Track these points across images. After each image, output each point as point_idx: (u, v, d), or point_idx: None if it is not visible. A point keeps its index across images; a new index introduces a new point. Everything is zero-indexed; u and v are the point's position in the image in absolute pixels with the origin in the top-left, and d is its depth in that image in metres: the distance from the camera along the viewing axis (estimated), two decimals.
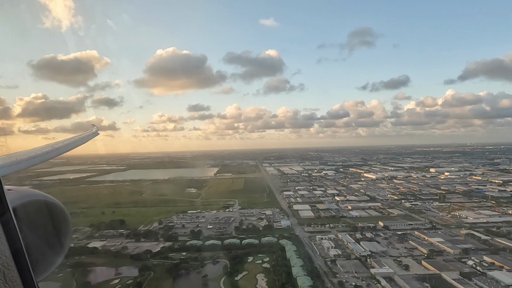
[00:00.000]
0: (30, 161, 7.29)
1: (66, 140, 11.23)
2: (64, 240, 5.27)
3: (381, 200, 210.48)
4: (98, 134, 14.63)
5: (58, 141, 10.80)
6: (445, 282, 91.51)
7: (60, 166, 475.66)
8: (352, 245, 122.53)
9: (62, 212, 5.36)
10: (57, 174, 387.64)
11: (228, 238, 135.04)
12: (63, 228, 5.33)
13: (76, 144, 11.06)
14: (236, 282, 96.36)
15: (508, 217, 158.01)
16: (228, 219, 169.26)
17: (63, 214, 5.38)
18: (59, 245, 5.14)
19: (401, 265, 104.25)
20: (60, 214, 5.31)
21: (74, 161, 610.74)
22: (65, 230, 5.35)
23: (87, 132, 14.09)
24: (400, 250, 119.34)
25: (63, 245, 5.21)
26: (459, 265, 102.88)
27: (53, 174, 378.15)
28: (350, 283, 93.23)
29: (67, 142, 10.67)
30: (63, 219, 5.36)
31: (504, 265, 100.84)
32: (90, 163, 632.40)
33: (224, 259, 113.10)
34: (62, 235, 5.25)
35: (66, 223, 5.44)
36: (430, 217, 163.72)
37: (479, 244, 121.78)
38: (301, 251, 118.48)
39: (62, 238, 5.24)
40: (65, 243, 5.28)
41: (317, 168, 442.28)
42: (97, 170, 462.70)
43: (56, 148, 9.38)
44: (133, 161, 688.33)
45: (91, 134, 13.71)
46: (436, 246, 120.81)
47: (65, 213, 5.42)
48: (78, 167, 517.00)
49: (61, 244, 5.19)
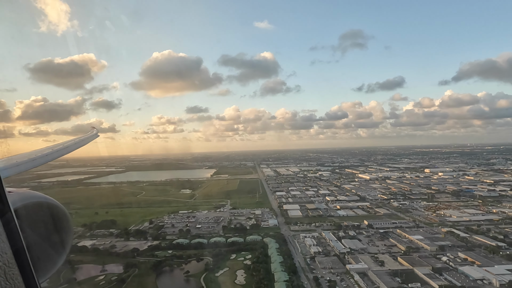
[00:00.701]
0: (31, 163, 7.51)
1: (66, 142, 11.44)
2: (65, 242, 5.34)
3: (370, 200, 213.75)
4: (98, 136, 15.02)
5: (58, 143, 11.05)
6: (417, 276, 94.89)
7: (60, 168, 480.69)
8: (334, 242, 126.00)
9: (63, 214, 5.43)
10: (56, 176, 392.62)
11: (214, 236, 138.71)
12: (64, 229, 5.39)
13: (76, 146, 11.27)
14: (216, 278, 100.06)
15: (491, 215, 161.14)
16: (217, 218, 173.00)
17: (64, 216, 5.45)
18: (60, 246, 5.21)
19: (377, 261, 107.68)
20: (61, 216, 5.38)
21: (74, 163, 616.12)
22: (66, 231, 5.41)
23: (87, 134, 14.50)
24: (379, 247, 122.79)
25: (64, 247, 5.28)
26: (433, 261, 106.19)
27: (52, 176, 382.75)
28: (325, 278, 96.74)
29: (67, 144, 10.87)
30: (64, 221, 5.42)
31: (476, 261, 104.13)
32: (90, 165, 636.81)
33: (208, 257, 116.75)
34: (63, 236, 5.32)
35: (67, 225, 5.50)
36: (415, 216, 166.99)
37: (456, 241, 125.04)
38: (283, 248, 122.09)
39: (63, 239, 5.31)
40: (66, 245, 5.35)
41: (314, 169, 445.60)
42: (96, 172, 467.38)
43: (56, 150, 9.57)
44: (132, 163, 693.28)
45: (91, 136, 14.08)
46: (414, 243, 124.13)
47: (66, 215, 5.50)
48: (78, 169, 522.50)
49: (63, 246, 5.26)
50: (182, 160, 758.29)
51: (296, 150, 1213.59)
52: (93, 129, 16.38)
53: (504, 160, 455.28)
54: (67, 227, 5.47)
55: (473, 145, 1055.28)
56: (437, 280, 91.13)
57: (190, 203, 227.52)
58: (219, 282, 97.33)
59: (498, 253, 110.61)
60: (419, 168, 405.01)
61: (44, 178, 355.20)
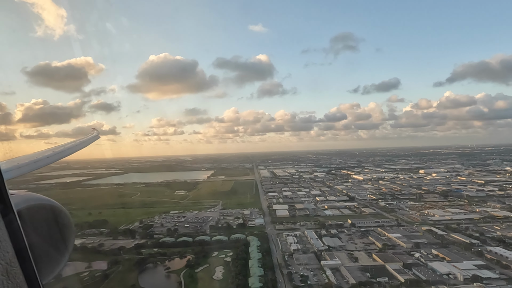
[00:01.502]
0: (33, 165, 7.52)
1: (67, 144, 11.48)
2: (67, 243, 5.41)
3: (359, 200, 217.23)
4: (98, 137, 15.09)
5: (59, 145, 11.02)
6: (387, 272, 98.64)
7: (60, 170, 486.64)
8: (314, 240, 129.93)
9: (66, 216, 5.46)
10: (56, 178, 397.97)
11: (200, 235, 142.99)
12: (67, 231, 5.43)
13: (77, 148, 11.31)
14: (195, 274, 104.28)
15: (473, 214, 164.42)
16: (206, 218, 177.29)
17: (67, 218, 5.48)
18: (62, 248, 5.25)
19: (352, 257, 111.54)
20: (64, 218, 5.40)
21: (75, 165, 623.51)
22: (68, 233, 5.46)
23: (88, 136, 14.51)
24: (358, 245, 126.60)
25: (66, 248, 5.36)
26: (406, 257, 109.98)
27: (52, 178, 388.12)
28: (298, 273, 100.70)
29: (68, 146, 10.91)
30: (66, 223, 5.45)
31: (447, 257, 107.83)
32: (90, 167, 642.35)
33: (191, 254, 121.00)
34: (65, 238, 5.37)
35: (69, 227, 5.53)
36: (399, 215, 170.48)
37: (433, 239, 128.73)
38: (264, 246, 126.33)
39: (65, 241, 5.37)
40: (68, 246, 5.43)
41: (310, 170, 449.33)
42: (95, 174, 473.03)
43: (57, 152, 9.60)
44: (132, 165, 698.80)
45: (91, 138, 14.15)
46: (392, 241, 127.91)
47: (68, 217, 5.53)
48: (77, 171, 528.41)
49: (65, 247, 5.32)
50: (182, 162, 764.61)
51: (296, 152, 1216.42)
52: (94, 130, 16.55)
53: (500, 161, 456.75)
54: (69, 230, 5.53)
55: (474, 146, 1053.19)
56: (405, 275, 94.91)
57: (183, 203, 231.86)
58: (197, 278, 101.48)
59: (470, 250, 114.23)
60: (415, 169, 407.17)
61: (43, 179, 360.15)
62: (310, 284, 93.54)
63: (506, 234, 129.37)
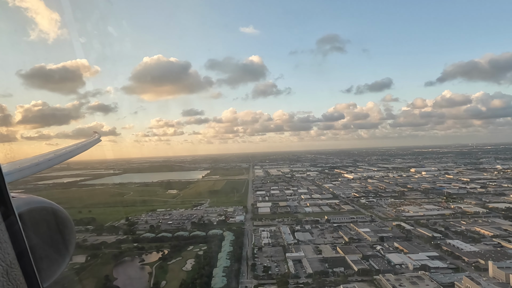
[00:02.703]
0: (34, 168, 7.65)
1: (69, 147, 11.49)
2: (68, 246, 5.36)
3: (342, 198, 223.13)
4: (100, 141, 15.22)
5: (61, 148, 11.06)
6: (345, 262, 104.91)
7: (60, 171, 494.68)
8: (286, 235, 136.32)
9: (67, 219, 5.46)
10: (55, 179, 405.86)
11: (179, 231, 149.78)
12: (67, 234, 5.41)
13: (79, 151, 11.32)
14: (167, 266, 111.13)
15: (446, 210, 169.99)
16: (190, 216, 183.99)
17: (68, 221, 5.48)
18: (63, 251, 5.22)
19: (316, 250, 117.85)
20: (65, 221, 5.41)
21: (75, 167, 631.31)
22: (69, 236, 5.43)
23: (90, 139, 14.61)
24: (326, 239, 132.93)
25: (67, 251, 5.31)
26: (367, 249, 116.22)
27: (51, 179, 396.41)
28: (263, 264, 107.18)
29: (70, 149, 10.93)
30: (67, 226, 5.44)
31: (406, 249, 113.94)
32: (90, 168, 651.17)
33: (168, 248, 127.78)
34: (66, 241, 5.34)
35: (70, 230, 5.52)
36: (376, 212, 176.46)
37: (399, 233, 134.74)
38: (238, 240, 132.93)
39: (66, 244, 5.33)
40: (69, 249, 5.37)
41: (304, 169, 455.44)
42: (93, 175, 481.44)
43: (59, 155, 9.64)
44: (132, 166, 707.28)
45: (93, 141, 14.22)
46: (360, 235, 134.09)
47: (69, 220, 5.51)
48: (76, 172, 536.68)
49: (66, 250, 5.28)
50: (181, 162, 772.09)
51: (296, 152, 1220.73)
52: (95, 133, 16.69)
53: (494, 160, 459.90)
54: (70, 232, 5.49)
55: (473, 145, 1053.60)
56: (360, 265, 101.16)
57: (172, 202, 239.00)
58: (168, 269, 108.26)
59: (430, 242, 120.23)
60: (407, 168, 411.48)
61: (42, 180, 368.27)
62: (270, 274, 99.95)
63: (469, 229, 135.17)
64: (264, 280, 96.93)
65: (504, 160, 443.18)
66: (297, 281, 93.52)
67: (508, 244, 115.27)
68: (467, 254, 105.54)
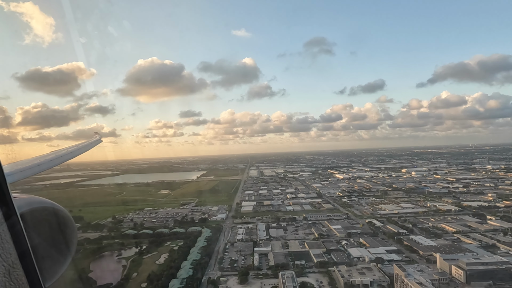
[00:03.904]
0: (35, 168, 7.80)
1: (70, 147, 11.90)
2: (70, 246, 5.48)
3: (326, 197, 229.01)
4: (101, 141, 15.40)
5: (62, 149, 11.48)
6: (308, 256, 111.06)
7: (59, 172, 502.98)
8: (260, 232, 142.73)
9: (68, 219, 5.60)
10: (53, 179, 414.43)
11: (161, 228, 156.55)
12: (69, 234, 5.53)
13: (80, 152, 11.62)
14: (142, 259, 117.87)
15: (420, 208, 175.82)
16: (175, 214, 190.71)
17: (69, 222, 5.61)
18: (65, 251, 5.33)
19: (285, 245, 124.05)
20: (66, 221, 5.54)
21: (75, 168, 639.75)
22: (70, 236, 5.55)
23: (90, 140, 14.84)
24: (298, 235, 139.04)
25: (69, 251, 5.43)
26: (332, 244, 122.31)
27: (49, 179, 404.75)
28: (231, 258, 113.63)
29: (71, 150, 11.24)
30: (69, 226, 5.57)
31: (368, 244, 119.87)
32: (90, 169, 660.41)
33: (146, 244, 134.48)
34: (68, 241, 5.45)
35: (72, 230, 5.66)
36: (354, 210, 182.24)
37: (368, 229, 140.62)
38: (214, 237, 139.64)
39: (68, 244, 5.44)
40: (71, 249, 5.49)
41: (299, 170, 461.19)
42: (91, 175, 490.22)
43: (60, 156, 9.93)
44: (131, 167, 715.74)
45: (94, 142, 14.42)
46: (331, 231, 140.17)
47: (71, 221, 5.66)
48: (76, 173, 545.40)
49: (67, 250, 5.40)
50: (180, 163, 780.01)
51: (296, 153, 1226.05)
52: (96, 135, 16.81)
53: (487, 160, 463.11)
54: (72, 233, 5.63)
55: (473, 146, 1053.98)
56: (321, 258, 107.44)
57: (162, 201, 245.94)
58: (142, 262, 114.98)
59: (393, 238, 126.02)
60: (399, 168, 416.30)
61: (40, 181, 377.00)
62: (235, 266, 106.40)
63: (436, 225, 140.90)
64: (228, 271, 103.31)
65: (497, 161, 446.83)
66: (258, 273, 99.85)
67: (467, 239, 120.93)
68: (423, 248, 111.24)
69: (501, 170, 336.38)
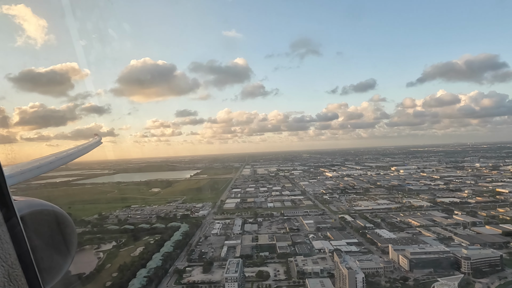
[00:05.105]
0: (35, 171, 7.77)
1: (70, 149, 11.90)
2: (70, 249, 5.39)
3: (310, 194, 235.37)
4: (101, 143, 15.75)
5: (62, 151, 11.38)
6: (274, 248, 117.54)
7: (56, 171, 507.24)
8: (235, 227, 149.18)
9: (68, 222, 5.52)
10: (50, 178, 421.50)
11: (142, 224, 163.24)
12: (69, 237, 5.45)
13: (80, 154, 11.68)
14: (118, 252, 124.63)
15: (394, 204, 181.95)
16: (160, 211, 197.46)
17: (69, 224, 5.53)
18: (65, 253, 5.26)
19: (254, 239, 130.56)
20: (66, 223, 5.46)
21: (73, 167, 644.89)
22: (70, 239, 5.48)
23: (90, 141, 15.23)
24: (271, 229, 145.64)
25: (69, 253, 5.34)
26: (299, 238, 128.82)
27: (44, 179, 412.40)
28: (201, 250, 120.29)
29: (71, 152, 11.30)
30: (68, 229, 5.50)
31: (333, 237, 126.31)
32: (87, 168, 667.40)
33: (125, 238, 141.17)
34: (67, 243, 5.38)
35: (72, 233, 5.57)
36: (332, 206, 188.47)
37: (337, 224, 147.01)
38: (191, 231, 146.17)
39: (67, 246, 5.37)
40: (70, 251, 5.40)
41: (291, 168, 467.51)
42: (87, 175, 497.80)
43: (60, 158, 9.93)
44: (128, 166, 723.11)
45: (94, 143, 14.77)
46: (302, 226, 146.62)
47: (70, 223, 5.58)
48: (73, 172, 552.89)
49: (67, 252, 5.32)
50: (177, 162, 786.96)
51: (294, 151, 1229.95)
52: (96, 136, 16.84)
53: (478, 158, 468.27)
54: (71, 235, 5.54)
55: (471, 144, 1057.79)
56: (284, 250, 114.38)
57: (150, 199, 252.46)
58: (118, 255, 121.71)
59: (359, 232, 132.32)
60: (389, 166, 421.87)
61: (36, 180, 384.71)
62: (203, 257, 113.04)
63: (403, 220, 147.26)
64: (196, 262, 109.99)
65: (488, 159, 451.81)
66: (222, 263, 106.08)
67: (427, 232, 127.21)
68: (383, 240, 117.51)
69: (487, 168, 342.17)
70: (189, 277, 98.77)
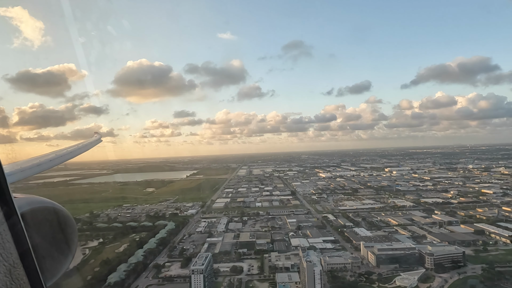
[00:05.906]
0: (36, 168, 7.77)
1: (70, 147, 11.85)
2: (71, 245, 5.42)
3: (299, 194, 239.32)
4: (101, 141, 15.87)
5: (62, 149, 11.38)
6: (252, 245, 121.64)
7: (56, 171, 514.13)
8: (220, 225, 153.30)
9: (69, 219, 5.54)
10: (48, 178, 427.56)
11: (130, 222, 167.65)
12: (70, 234, 5.47)
13: (80, 152, 11.63)
14: (104, 248, 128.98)
15: (379, 204, 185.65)
16: (150, 210, 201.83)
17: (70, 221, 5.55)
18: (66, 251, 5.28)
19: (236, 236, 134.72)
20: (67, 221, 5.48)
21: (72, 167, 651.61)
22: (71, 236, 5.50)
23: (90, 140, 15.21)
24: (254, 228, 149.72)
25: (70, 250, 5.37)
26: (279, 236, 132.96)
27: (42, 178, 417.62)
28: (182, 247, 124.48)
29: (71, 150, 11.22)
30: (69, 226, 5.51)
31: (312, 235, 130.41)
32: (86, 168, 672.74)
33: (112, 235, 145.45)
34: (68, 240, 5.40)
35: (72, 230, 5.59)
36: (318, 206, 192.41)
37: (319, 223, 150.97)
38: (177, 229, 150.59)
39: (68, 243, 5.40)
40: (72, 248, 5.43)
41: (287, 169, 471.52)
42: (84, 175, 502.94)
43: (60, 156, 9.94)
44: (127, 166, 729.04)
45: (94, 141, 14.80)
46: (285, 224, 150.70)
47: (71, 220, 5.59)
48: (72, 172, 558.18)
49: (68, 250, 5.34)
50: (176, 163, 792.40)
51: (293, 153, 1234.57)
52: (96, 134, 16.94)
53: (472, 160, 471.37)
54: (72, 232, 5.57)
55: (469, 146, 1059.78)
56: (262, 246, 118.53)
57: (143, 198, 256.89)
58: (102, 251, 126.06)
59: (338, 230, 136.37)
60: (383, 167, 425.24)
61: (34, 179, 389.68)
62: (184, 254, 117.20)
63: (382, 219, 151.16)
64: (175, 258, 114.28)
65: (483, 160, 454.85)
66: None
67: (403, 231, 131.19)
68: (359, 238, 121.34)
69: (479, 169, 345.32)
70: (166, 272, 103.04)
